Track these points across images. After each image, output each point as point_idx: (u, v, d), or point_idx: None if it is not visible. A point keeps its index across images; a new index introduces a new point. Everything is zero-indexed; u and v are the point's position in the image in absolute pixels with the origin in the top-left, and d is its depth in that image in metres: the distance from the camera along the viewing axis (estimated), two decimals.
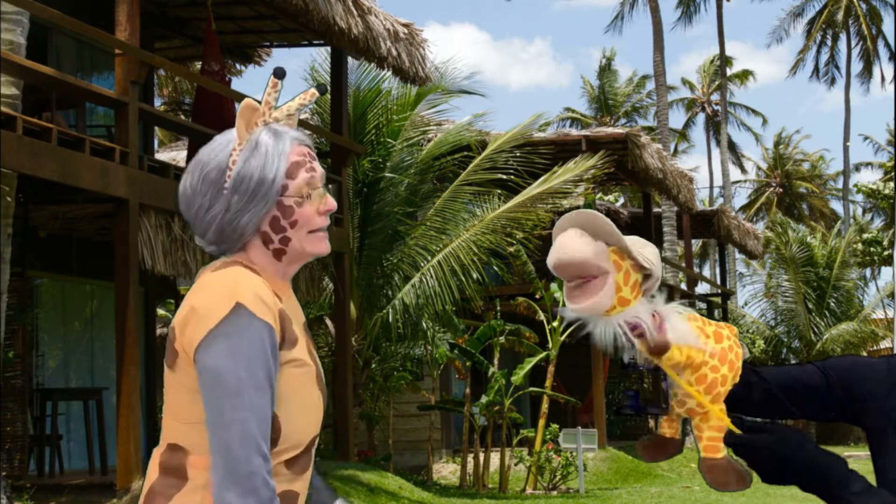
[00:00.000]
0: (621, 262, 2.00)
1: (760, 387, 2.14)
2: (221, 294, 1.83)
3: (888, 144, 51.66)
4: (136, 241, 8.96)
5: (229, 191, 1.89)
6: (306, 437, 1.91)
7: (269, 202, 1.90)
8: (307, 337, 2.00)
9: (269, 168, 1.90)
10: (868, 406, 2.09)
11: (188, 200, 1.94)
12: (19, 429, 9.66)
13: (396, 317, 13.43)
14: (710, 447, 2.07)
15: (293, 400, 1.88)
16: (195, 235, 1.98)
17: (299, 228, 1.93)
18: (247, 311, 1.81)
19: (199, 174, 1.92)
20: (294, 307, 1.99)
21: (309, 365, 1.92)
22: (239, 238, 1.92)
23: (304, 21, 11.01)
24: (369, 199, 14.25)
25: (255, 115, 1.93)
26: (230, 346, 1.79)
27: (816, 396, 2.14)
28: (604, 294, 1.98)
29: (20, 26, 8.30)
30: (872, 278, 43.04)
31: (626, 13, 41.28)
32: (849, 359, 2.18)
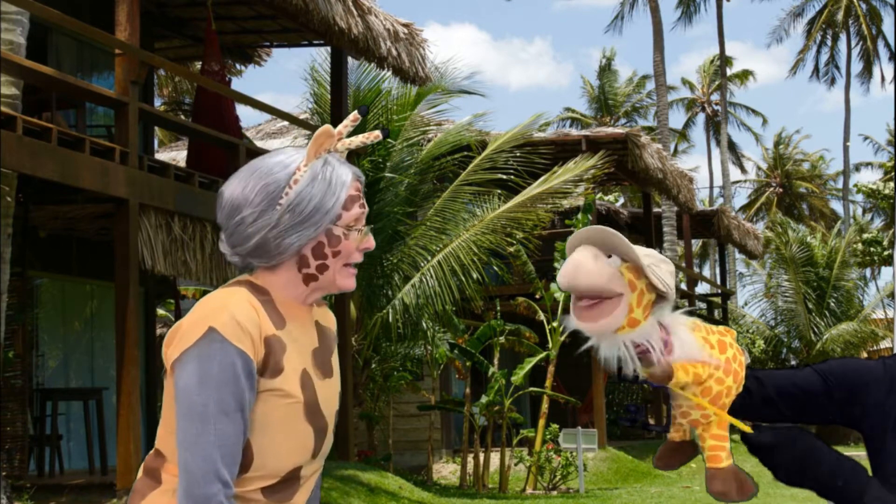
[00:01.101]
0: (636, 282, 1.97)
1: (759, 392, 2.13)
2: (202, 315, 1.86)
3: (888, 144, 51.66)
4: (136, 241, 8.96)
5: (283, 208, 1.90)
6: (283, 468, 1.90)
7: (321, 228, 1.92)
8: (315, 366, 1.97)
9: (329, 196, 1.92)
10: (867, 408, 2.09)
11: (235, 207, 1.92)
12: (19, 429, 9.65)
13: (396, 317, 13.43)
14: (714, 457, 2.07)
15: (270, 429, 1.87)
16: (223, 243, 1.97)
17: (339, 259, 1.95)
18: (218, 336, 1.81)
19: (256, 184, 1.92)
20: (304, 334, 1.98)
21: (293, 397, 1.89)
22: (276, 256, 1.92)
23: (304, 21, 11.00)
24: (369, 199, 14.22)
25: (329, 142, 1.96)
26: (200, 369, 1.81)
27: (815, 400, 2.14)
28: (615, 316, 1.95)
29: (20, 26, 8.30)
30: (872, 278, 43.05)
31: (626, 13, 41.32)
32: (846, 362, 2.18)
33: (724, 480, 2.04)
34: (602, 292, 1.95)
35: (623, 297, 1.96)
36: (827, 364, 2.17)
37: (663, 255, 2.06)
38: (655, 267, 1.99)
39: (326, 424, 1.97)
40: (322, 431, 1.96)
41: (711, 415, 2.05)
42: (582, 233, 2.01)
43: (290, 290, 1.96)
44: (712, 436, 2.05)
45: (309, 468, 1.96)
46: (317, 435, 1.94)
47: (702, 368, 2.00)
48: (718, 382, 2.02)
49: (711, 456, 2.06)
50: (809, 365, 2.20)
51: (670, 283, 2.01)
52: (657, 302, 2.01)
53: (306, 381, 1.93)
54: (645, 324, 1.99)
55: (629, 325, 1.98)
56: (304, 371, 1.94)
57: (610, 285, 1.94)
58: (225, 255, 2.00)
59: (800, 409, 2.15)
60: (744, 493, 2.04)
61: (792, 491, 13.45)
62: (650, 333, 2.00)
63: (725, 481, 2.04)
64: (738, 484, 2.04)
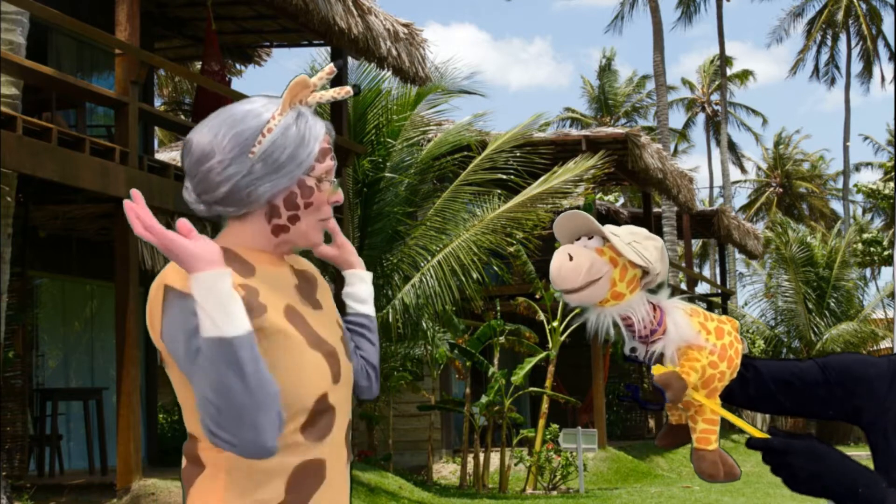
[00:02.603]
0: (617, 258, 2.04)
1: (756, 381, 2.14)
2: (157, 284, 1.86)
3: (888, 144, 51.66)
4: (136, 241, 8.97)
5: (256, 156, 1.88)
6: (308, 400, 1.87)
7: (293, 178, 1.91)
8: (300, 301, 1.94)
9: (303, 146, 1.92)
10: (867, 404, 2.09)
11: (204, 154, 1.90)
12: (19, 429, 9.65)
13: (396, 317, 13.43)
14: (703, 439, 2.10)
15: (278, 368, 1.82)
16: (188, 191, 1.94)
17: (312, 212, 1.94)
18: (174, 292, 1.80)
19: (228, 131, 1.89)
20: (278, 276, 1.94)
21: (284, 331, 1.85)
22: (247, 205, 1.90)
23: (304, 21, 11.01)
24: (369, 199, 14.25)
25: (303, 93, 1.95)
26: (170, 330, 1.80)
27: (814, 393, 2.13)
28: (597, 288, 2.01)
29: (20, 26, 8.31)
30: (872, 278, 43.06)
31: (626, 13, 41.32)
32: (849, 356, 2.18)
33: (712, 462, 2.09)
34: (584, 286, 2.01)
35: (605, 276, 2.00)
36: (828, 357, 2.17)
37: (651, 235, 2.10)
38: (637, 244, 2.04)
39: (334, 349, 1.95)
40: (332, 355, 1.93)
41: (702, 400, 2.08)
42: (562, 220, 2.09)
43: (257, 241, 1.94)
44: (705, 419, 2.10)
45: (336, 394, 1.93)
46: (328, 359, 1.92)
47: (698, 353, 2.04)
48: (712, 366, 2.06)
49: (701, 438, 2.10)
50: (811, 358, 2.20)
51: (651, 256, 2.06)
52: (644, 277, 2.07)
53: (294, 314, 1.90)
54: (631, 298, 2.05)
55: (613, 298, 2.04)
56: (289, 306, 1.90)
57: (588, 278, 2.01)
58: (188, 204, 1.96)
59: (798, 401, 2.14)
60: (731, 475, 2.10)
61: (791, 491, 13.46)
62: (636, 306, 2.05)
63: (714, 463, 2.09)
64: (726, 467, 2.09)
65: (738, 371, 2.10)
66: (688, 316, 2.09)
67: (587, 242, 2.06)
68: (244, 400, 1.69)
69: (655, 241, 2.09)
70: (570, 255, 2.01)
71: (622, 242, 2.03)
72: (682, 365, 2.03)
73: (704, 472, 2.10)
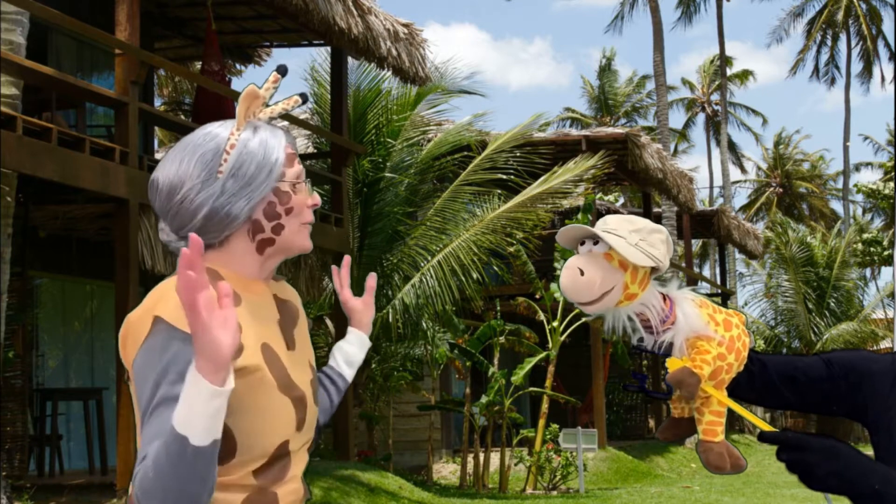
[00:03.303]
0: (627, 262, 2.02)
1: (761, 375, 2.14)
2: (147, 308, 1.80)
3: (888, 144, 51.66)
4: (136, 241, 8.96)
5: (225, 175, 1.86)
6: (271, 445, 1.85)
7: (267, 188, 1.88)
8: (279, 339, 1.91)
9: (269, 152, 1.90)
10: (871, 401, 2.09)
11: (173, 186, 1.87)
12: (19, 429, 9.65)
13: (396, 317, 13.42)
14: (710, 431, 2.09)
15: (247, 409, 1.80)
16: (164, 231, 1.91)
17: (294, 217, 1.92)
18: (165, 326, 1.75)
19: (191, 158, 1.87)
20: (262, 308, 1.91)
21: (259, 370, 1.82)
22: (228, 225, 1.87)
23: (304, 21, 11.01)
24: (369, 199, 14.25)
25: (255, 104, 1.93)
26: (147, 361, 1.74)
27: (818, 388, 2.13)
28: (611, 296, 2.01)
29: (20, 26, 8.30)
30: (872, 278, 43.06)
31: (626, 13, 41.31)
32: (853, 352, 2.18)
33: (719, 454, 2.09)
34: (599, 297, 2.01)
35: (618, 285, 2.01)
36: (833, 353, 2.18)
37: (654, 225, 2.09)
38: (643, 241, 2.03)
39: (304, 394, 1.91)
40: (300, 401, 1.90)
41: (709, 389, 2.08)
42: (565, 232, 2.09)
43: (244, 262, 1.90)
44: (711, 411, 2.09)
45: (297, 441, 1.91)
46: (296, 406, 1.88)
47: (707, 344, 2.04)
48: (720, 358, 2.06)
49: (707, 430, 2.09)
50: (816, 353, 2.20)
51: (659, 252, 2.04)
52: (653, 272, 2.07)
53: (270, 354, 1.86)
54: (643, 294, 2.05)
55: (627, 300, 2.04)
56: (266, 345, 1.87)
57: (603, 289, 2.01)
58: (168, 245, 1.92)
59: (802, 396, 2.15)
60: (737, 467, 2.10)
61: (792, 491, 13.45)
62: (650, 300, 2.05)
63: (721, 455, 2.09)
64: (732, 458, 2.09)
65: (744, 364, 2.11)
66: (697, 307, 2.09)
67: (593, 248, 2.04)
68: (178, 487, 1.62)
69: (661, 233, 2.08)
70: (580, 270, 2.00)
71: (628, 246, 2.01)
72: (694, 358, 2.03)
73: (711, 463, 2.10)
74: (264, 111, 1.95)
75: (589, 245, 2.05)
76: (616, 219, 2.08)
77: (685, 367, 2.01)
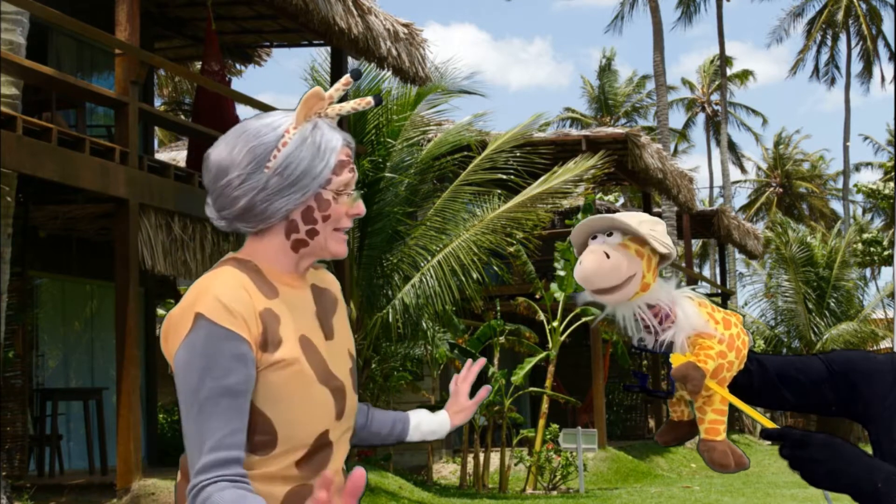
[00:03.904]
0: (642, 250, 2.04)
1: (760, 375, 2.14)
2: (188, 304, 1.84)
3: (888, 144, 51.66)
4: (136, 241, 8.96)
5: (271, 171, 1.87)
6: (311, 435, 1.89)
7: (309, 192, 1.90)
8: (317, 329, 1.95)
9: (319, 160, 1.90)
10: (870, 400, 2.09)
11: (221, 169, 1.90)
12: (19, 429, 9.65)
13: (396, 317, 13.42)
14: (712, 429, 2.10)
15: (287, 400, 1.86)
16: (209, 207, 1.95)
17: (329, 224, 1.93)
18: (205, 322, 1.80)
19: (244, 146, 1.89)
20: (299, 300, 1.95)
21: (298, 363, 1.87)
22: (264, 220, 1.90)
23: (304, 21, 11.01)
24: (369, 199, 14.24)
25: (318, 105, 1.93)
26: (186, 357, 1.80)
27: (817, 388, 2.14)
28: (633, 283, 2.02)
29: (20, 26, 8.30)
30: (872, 278, 43.05)
31: (626, 13, 41.32)
32: (851, 352, 2.18)
33: (723, 452, 2.09)
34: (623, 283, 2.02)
35: (637, 274, 2.01)
36: (831, 353, 2.18)
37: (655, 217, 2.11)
38: (653, 231, 2.05)
39: (343, 384, 1.95)
40: (339, 391, 1.94)
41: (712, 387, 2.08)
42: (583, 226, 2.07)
43: (279, 258, 1.93)
44: (714, 410, 2.09)
45: (336, 430, 1.94)
46: (335, 396, 1.92)
47: (708, 342, 2.05)
48: (721, 356, 2.06)
49: (710, 429, 2.09)
50: (815, 354, 2.21)
51: (668, 242, 2.07)
52: (661, 262, 2.08)
53: (308, 346, 1.91)
54: (654, 285, 2.06)
55: (642, 290, 2.05)
56: (304, 337, 1.91)
57: (629, 273, 2.02)
58: (211, 220, 1.96)
59: (802, 396, 2.15)
60: (741, 465, 2.11)
61: (792, 491, 13.45)
62: (660, 293, 2.06)
63: (724, 453, 2.09)
64: (735, 456, 2.09)
65: (744, 363, 2.11)
66: (696, 305, 2.10)
67: (607, 240, 2.05)
68: None
69: (663, 225, 2.11)
70: (606, 254, 2.01)
71: (649, 233, 2.03)
72: (698, 353, 2.03)
73: (716, 461, 2.09)
74: (333, 108, 1.96)
75: (602, 238, 2.06)
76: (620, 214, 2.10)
77: (690, 362, 2.01)
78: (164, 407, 14.09)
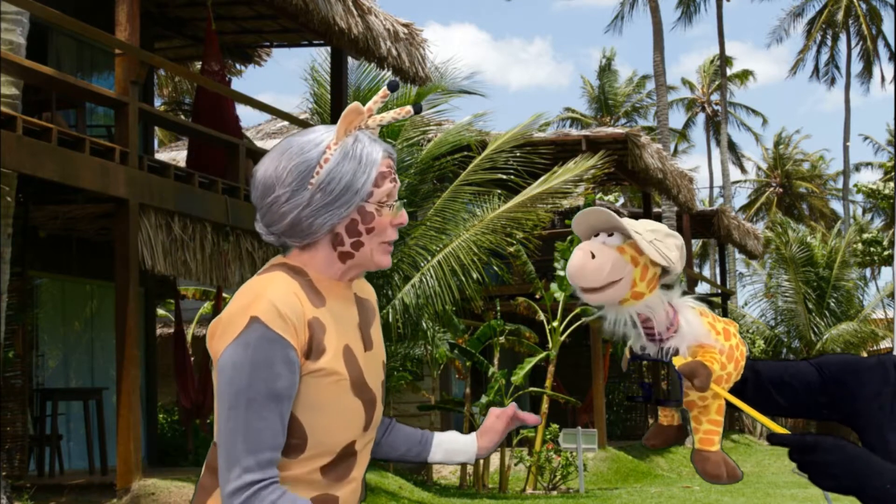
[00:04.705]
0: (638, 258, 2.01)
1: (753, 380, 2.14)
2: (242, 305, 1.87)
3: (888, 144, 51.66)
4: (136, 241, 8.96)
5: (315, 187, 1.91)
6: (339, 444, 1.93)
7: (352, 207, 1.93)
8: (358, 340, 1.99)
9: (360, 174, 1.93)
10: (862, 402, 2.09)
11: (267, 187, 1.93)
12: (19, 429, 9.65)
13: (396, 317, 13.42)
14: (706, 440, 2.09)
15: (321, 408, 1.89)
16: (258, 223, 1.98)
17: (374, 236, 1.96)
18: (260, 326, 1.83)
19: (288, 164, 1.93)
20: (345, 310, 1.99)
21: (338, 373, 1.91)
22: (309, 235, 1.94)
23: (304, 21, 11.01)
24: None
25: (358, 120, 1.97)
26: (235, 357, 1.83)
27: (809, 393, 2.14)
28: (618, 288, 2.00)
29: (20, 26, 8.30)
30: (872, 278, 43.06)
31: (626, 13, 41.29)
32: (842, 356, 2.19)
33: (716, 463, 2.08)
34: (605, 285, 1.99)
35: (626, 277, 1.99)
36: (822, 357, 2.19)
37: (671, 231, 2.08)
38: (659, 242, 2.02)
39: (374, 396, 1.99)
40: (371, 403, 1.97)
41: (710, 397, 2.06)
42: (581, 217, 2.06)
43: (327, 268, 1.97)
44: (709, 420, 2.08)
45: (362, 440, 1.98)
46: (366, 407, 1.96)
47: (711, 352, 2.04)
48: (721, 367, 2.05)
49: (705, 439, 2.08)
50: (806, 359, 2.21)
51: (673, 256, 2.03)
52: (663, 276, 2.04)
53: (349, 356, 1.94)
54: (650, 296, 2.03)
55: (633, 298, 2.02)
56: (347, 347, 1.95)
57: (611, 278, 1.98)
58: (262, 237, 2.00)
59: (794, 400, 2.15)
60: (733, 477, 2.09)
61: (792, 491, 13.46)
62: (656, 306, 2.03)
63: (718, 464, 2.08)
64: (728, 468, 2.08)
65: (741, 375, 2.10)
66: (698, 315, 2.08)
67: (606, 239, 2.03)
68: None
69: (676, 239, 2.07)
70: (592, 253, 1.99)
71: (644, 241, 2.00)
72: (703, 355, 2.03)
73: (709, 472, 2.09)
74: (374, 119, 2.00)
75: (603, 237, 2.04)
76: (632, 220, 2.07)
77: (697, 360, 2.00)
78: (164, 407, 14.08)
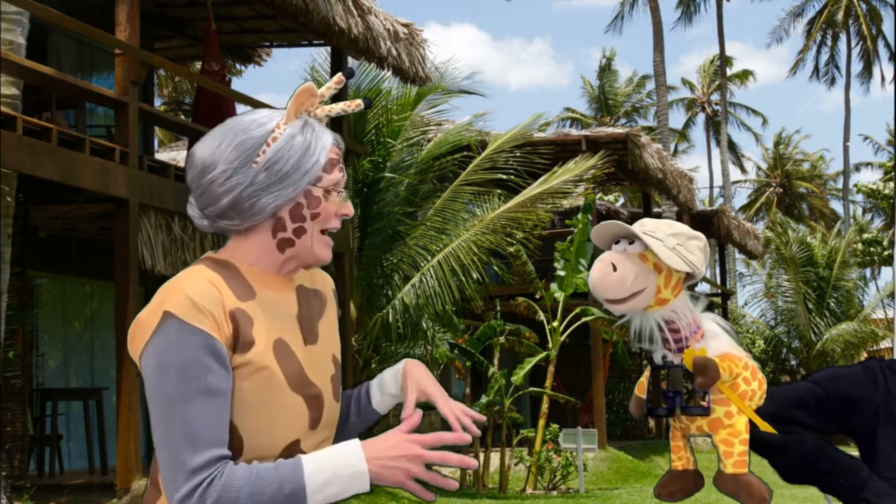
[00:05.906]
0: (662, 265, 1.98)
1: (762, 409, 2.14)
2: (157, 303, 1.78)
3: (888, 144, 51.67)
4: (136, 241, 8.96)
5: (260, 166, 1.83)
6: (278, 445, 1.82)
7: (299, 189, 1.85)
8: (296, 333, 1.88)
9: (310, 155, 1.86)
10: (858, 410, 2.11)
11: (206, 165, 1.84)
12: (19, 429, 9.65)
13: (396, 317, 13.42)
14: (741, 462, 2.03)
15: (252, 407, 1.78)
16: (192, 206, 1.89)
17: (318, 223, 1.89)
18: (174, 321, 1.73)
19: (231, 141, 1.84)
20: (279, 302, 1.88)
21: (268, 368, 1.80)
22: (250, 217, 1.84)
23: (304, 21, 11.00)
24: (369, 199, 14.24)
25: (309, 101, 1.90)
26: (158, 358, 1.74)
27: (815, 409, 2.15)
28: (642, 298, 1.96)
29: (20, 26, 8.30)
30: (872, 278, 43.04)
31: (626, 13, 41.37)
32: (831, 370, 2.21)
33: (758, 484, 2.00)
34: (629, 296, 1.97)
35: (650, 286, 1.96)
36: (815, 374, 2.20)
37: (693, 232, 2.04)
38: (681, 246, 1.98)
39: (319, 392, 1.88)
40: (315, 399, 1.86)
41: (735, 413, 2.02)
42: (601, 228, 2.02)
43: (262, 258, 1.88)
44: (741, 441, 2.01)
45: (311, 440, 1.88)
46: (309, 403, 1.85)
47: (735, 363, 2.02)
48: (746, 382, 2.02)
49: (739, 462, 2.01)
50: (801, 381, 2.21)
51: (696, 259, 1.99)
52: (688, 279, 2.01)
53: (284, 350, 1.83)
54: (675, 301, 2.00)
55: (658, 304, 1.99)
56: (280, 340, 1.84)
57: (634, 289, 1.95)
58: (192, 220, 1.90)
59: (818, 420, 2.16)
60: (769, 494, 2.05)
61: (792, 490, 13.45)
62: (681, 310, 2.00)
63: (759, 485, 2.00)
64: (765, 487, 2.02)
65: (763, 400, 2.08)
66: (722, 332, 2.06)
67: (628, 247, 1.99)
68: None
69: (699, 241, 2.03)
70: (613, 265, 1.94)
71: (666, 250, 1.95)
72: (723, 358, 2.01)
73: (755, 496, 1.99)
74: (322, 109, 1.92)
75: (624, 244, 2.00)
76: (654, 221, 2.03)
77: (713, 358, 1.97)
78: None
